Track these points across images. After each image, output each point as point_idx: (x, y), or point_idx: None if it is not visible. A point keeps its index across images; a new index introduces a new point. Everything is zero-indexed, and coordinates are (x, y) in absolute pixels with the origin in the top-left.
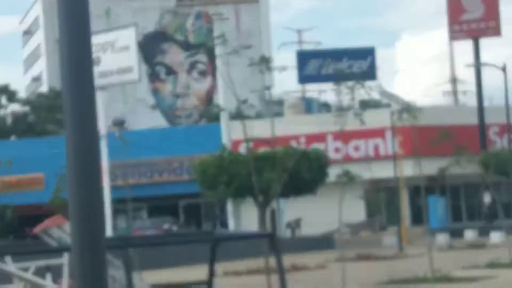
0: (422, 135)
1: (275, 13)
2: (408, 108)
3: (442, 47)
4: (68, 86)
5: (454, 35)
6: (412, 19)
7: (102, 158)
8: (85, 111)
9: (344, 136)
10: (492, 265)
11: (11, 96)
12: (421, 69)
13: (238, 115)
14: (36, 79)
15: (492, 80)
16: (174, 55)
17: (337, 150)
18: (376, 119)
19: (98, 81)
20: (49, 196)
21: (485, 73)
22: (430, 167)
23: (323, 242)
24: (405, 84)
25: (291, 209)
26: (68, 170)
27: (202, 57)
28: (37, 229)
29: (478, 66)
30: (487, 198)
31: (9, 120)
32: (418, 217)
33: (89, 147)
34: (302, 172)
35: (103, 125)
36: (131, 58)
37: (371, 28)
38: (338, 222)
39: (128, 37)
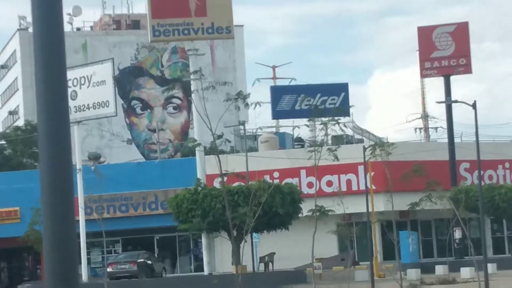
0: (394, 170)
1: (249, 49)
2: (380, 144)
3: (414, 84)
4: (43, 120)
5: (426, 72)
6: (384, 56)
7: (77, 191)
8: (60, 145)
9: (317, 172)
10: None
11: None
12: (393, 105)
13: (213, 150)
14: (13, 113)
15: (463, 116)
16: (150, 90)
17: (310, 185)
18: (349, 154)
19: (74, 115)
20: (25, 229)
21: (456, 109)
22: (402, 202)
23: (296, 277)
24: (377, 120)
25: (264, 243)
26: (42, 203)
27: (177, 92)
28: None
29: (449, 103)
30: (457, 234)
31: None
32: (389, 252)
33: (63, 180)
34: (276, 206)
35: (78, 159)
36: (108, 92)
37: (343, 65)
38: (311, 257)
39: (104, 72)
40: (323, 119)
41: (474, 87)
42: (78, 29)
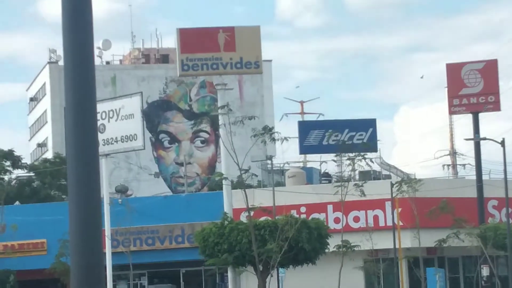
0: (422, 207)
1: (276, 83)
2: (408, 180)
3: (441, 120)
4: (72, 153)
5: (454, 109)
6: (410, 92)
7: (105, 224)
8: (88, 178)
9: (344, 207)
10: None
11: (16, 161)
12: (419, 142)
13: (240, 184)
14: (41, 145)
15: (491, 153)
16: (178, 124)
17: (337, 220)
18: (376, 190)
19: (102, 148)
20: (51, 261)
21: (484, 146)
22: (429, 239)
23: None
24: (403, 156)
25: (290, 278)
26: (70, 235)
27: (205, 126)
28: None
29: (477, 140)
30: (485, 272)
31: (14, 186)
32: None
33: (91, 213)
34: (302, 241)
35: (106, 191)
36: (136, 126)
37: (370, 100)
38: None
39: (133, 105)
40: (350, 154)
41: (502, 124)
42: (107, 62)
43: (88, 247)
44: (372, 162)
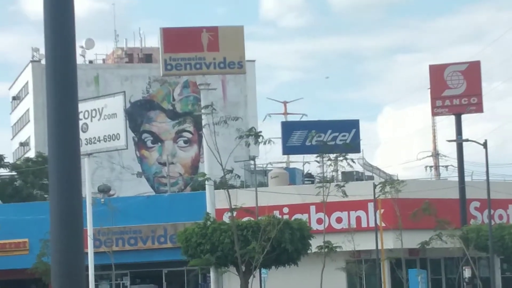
0: (404, 208)
1: (259, 84)
2: (390, 181)
3: (423, 121)
4: (54, 152)
5: (437, 110)
6: (393, 93)
7: (87, 223)
8: (69, 177)
9: (327, 208)
10: None
11: None
12: (402, 143)
13: (222, 184)
14: (24, 144)
15: (473, 155)
16: (161, 123)
17: (319, 221)
18: (359, 191)
19: (85, 148)
20: (33, 261)
21: (467, 148)
22: (411, 240)
23: None
24: (386, 157)
25: (272, 279)
26: (51, 234)
27: (188, 126)
28: None
29: (460, 141)
30: (467, 273)
31: None
32: None
33: (73, 212)
34: (285, 242)
35: (88, 191)
36: (119, 125)
37: (353, 101)
38: None
39: (116, 105)
40: (332, 155)
41: (484, 126)
42: (90, 61)
43: (69, 246)
44: (354, 162)
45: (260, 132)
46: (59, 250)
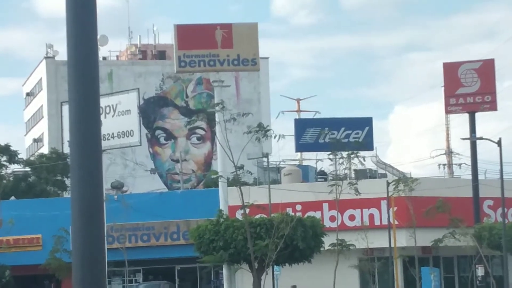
0: (417, 206)
1: (272, 81)
2: (404, 179)
3: (435, 119)
4: (75, 147)
5: (450, 108)
6: (405, 91)
7: None
8: (91, 173)
9: (340, 205)
10: None
11: (12, 156)
12: (414, 141)
13: (235, 181)
14: (37, 140)
15: (487, 153)
16: (174, 120)
17: (332, 218)
18: (372, 189)
19: None
20: (46, 256)
21: (480, 146)
22: (424, 238)
23: None
24: (398, 155)
25: (285, 276)
26: (72, 230)
27: (201, 123)
28: None
29: (474, 139)
30: (480, 271)
31: (9, 180)
32: None
33: (94, 207)
34: (297, 239)
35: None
36: (132, 122)
37: (365, 99)
38: None
39: (129, 101)
40: (344, 153)
41: (496, 124)
42: (104, 58)
43: (91, 241)
44: (365, 160)
45: (268, 126)
46: (80, 244)
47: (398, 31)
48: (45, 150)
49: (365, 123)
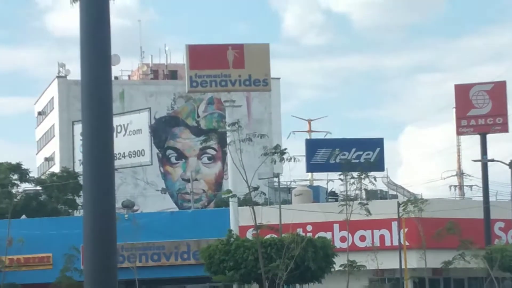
0: (428, 227)
1: (282, 101)
2: (413, 200)
3: (445, 141)
4: (88, 167)
5: (462, 130)
6: (415, 113)
7: None
8: (104, 192)
9: (350, 226)
10: None
11: (23, 175)
12: (424, 162)
13: (246, 201)
14: (49, 159)
15: (498, 174)
16: (185, 140)
17: (343, 239)
18: (383, 210)
19: None
20: (57, 275)
21: (492, 167)
22: (435, 259)
23: None
24: (408, 176)
25: None
26: (85, 249)
27: (213, 143)
28: None
29: (485, 161)
30: None
31: (20, 199)
32: None
33: (106, 226)
34: (308, 260)
35: None
36: (144, 141)
37: (374, 120)
38: None
39: (141, 121)
40: (355, 173)
41: (508, 146)
42: (116, 77)
43: (103, 262)
44: (376, 180)
45: (285, 149)
46: (92, 263)
47: (407, 52)
48: (56, 169)
49: (377, 144)
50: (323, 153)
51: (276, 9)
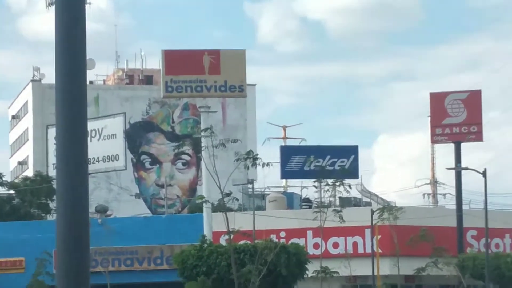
0: (401, 234)
1: (258, 108)
2: (389, 208)
3: (419, 149)
4: (61, 170)
5: (436, 138)
6: (389, 121)
7: None
8: (77, 196)
9: (324, 233)
10: None
11: None
12: (397, 170)
13: (220, 207)
14: (22, 163)
15: (471, 183)
16: (160, 145)
17: (316, 246)
18: (357, 217)
19: None
20: (29, 279)
21: (465, 176)
22: (408, 266)
23: None
24: (381, 184)
25: None
26: (57, 253)
27: (187, 148)
28: None
29: (460, 169)
30: None
31: None
32: None
33: (79, 231)
34: (281, 266)
35: None
36: (118, 146)
37: (349, 127)
38: None
39: (116, 126)
40: (329, 180)
41: (482, 154)
42: (91, 82)
43: (75, 266)
44: (350, 188)
45: (257, 155)
46: (64, 266)
47: (383, 60)
48: (29, 173)
49: (351, 151)
50: (298, 160)
51: (252, 16)
